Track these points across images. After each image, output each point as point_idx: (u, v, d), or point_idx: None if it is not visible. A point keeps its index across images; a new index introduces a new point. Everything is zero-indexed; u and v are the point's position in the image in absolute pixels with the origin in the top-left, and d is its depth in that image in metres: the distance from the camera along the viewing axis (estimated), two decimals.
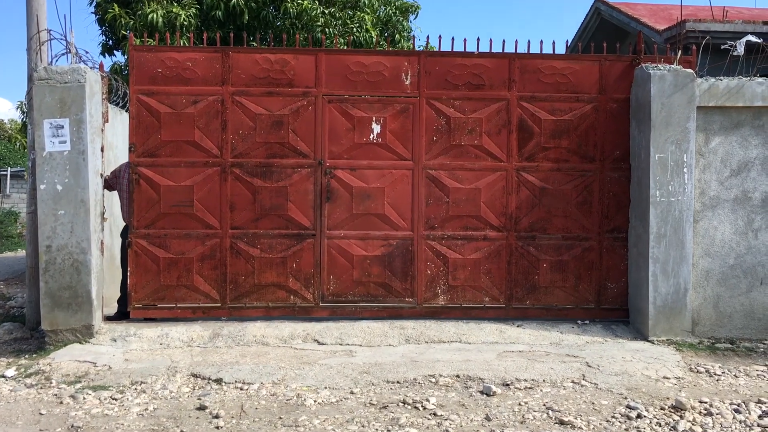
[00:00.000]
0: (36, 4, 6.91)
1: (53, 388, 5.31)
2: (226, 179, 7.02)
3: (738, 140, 6.71)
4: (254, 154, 7.05)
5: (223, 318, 7.04)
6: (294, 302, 7.11)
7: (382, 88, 7.11)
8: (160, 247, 7.00)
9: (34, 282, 6.80)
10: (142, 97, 6.97)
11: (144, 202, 6.98)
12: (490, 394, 5.09)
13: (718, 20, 9.49)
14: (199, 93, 7.00)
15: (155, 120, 6.97)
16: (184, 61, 6.99)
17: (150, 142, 6.98)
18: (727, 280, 6.71)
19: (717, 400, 5.01)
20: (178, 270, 7.01)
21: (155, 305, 7.03)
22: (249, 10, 10.99)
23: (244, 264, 7.05)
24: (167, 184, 6.98)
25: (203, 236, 7.03)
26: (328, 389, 5.21)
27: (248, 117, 7.03)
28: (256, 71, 7.03)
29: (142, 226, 6.99)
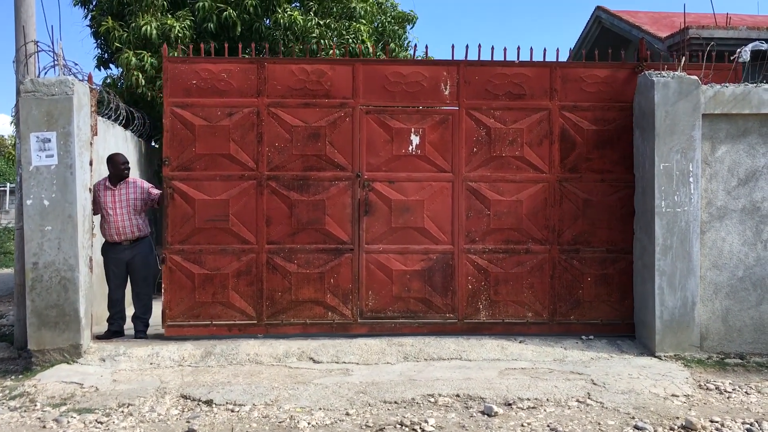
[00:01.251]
0: (24, 15, 6.76)
1: (37, 411, 5.12)
2: (262, 193, 6.87)
3: (745, 148, 6.52)
4: (291, 166, 6.90)
5: (259, 335, 6.85)
6: (332, 319, 6.94)
7: (420, 99, 6.97)
8: (195, 263, 6.85)
9: (21, 300, 6.60)
10: (176, 110, 6.83)
11: (178, 217, 6.83)
12: (492, 414, 4.88)
13: (722, 27, 9.33)
14: (235, 105, 6.86)
15: (190, 133, 6.83)
16: (219, 72, 6.86)
17: (184, 156, 6.84)
18: (736, 292, 6.50)
19: (729, 419, 4.80)
20: (213, 286, 6.85)
21: (190, 323, 6.87)
22: (242, 22, 10.87)
23: (281, 280, 6.88)
24: (202, 198, 6.83)
25: (239, 251, 6.87)
26: (323, 410, 5.01)
27: (284, 129, 6.89)
28: (292, 82, 6.89)
29: (177, 241, 6.84)
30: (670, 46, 9.71)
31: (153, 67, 10.01)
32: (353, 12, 11.34)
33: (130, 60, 9.86)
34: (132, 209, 7.04)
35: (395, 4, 12.99)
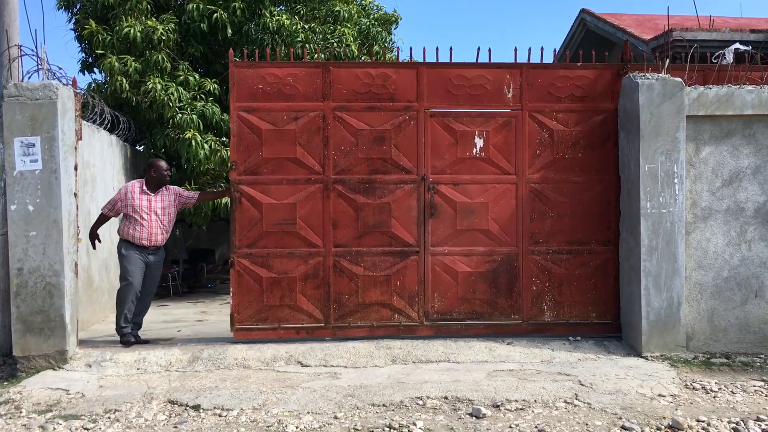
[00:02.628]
0: (7, 19, 6.73)
1: (22, 418, 5.06)
2: (329, 196, 6.87)
3: (729, 150, 6.57)
4: (356, 170, 6.90)
5: (327, 338, 6.84)
6: (398, 321, 6.94)
7: (484, 102, 6.97)
8: (263, 266, 6.84)
9: (6, 306, 6.52)
10: (243, 114, 6.82)
11: (246, 221, 6.82)
12: (480, 416, 4.89)
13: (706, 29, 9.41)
14: (301, 109, 6.86)
15: (256, 137, 6.82)
16: (285, 76, 6.85)
17: (251, 160, 6.83)
18: (721, 292, 6.55)
19: (715, 419, 4.83)
20: (281, 290, 6.84)
21: (258, 326, 6.86)
22: (231, 24, 10.85)
23: (348, 283, 6.89)
24: (269, 202, 6.82)
25: (306, 255, 6.87)
26: (311, 414, 4.99)
27: (350, 132, 6.89)
28: (357, 86, 6.89)
29: (244, 245, 6.83)
30: (654, 48, 9.77)
31: (137, 72, 9.97)
32: (337, 15, 11.34)
33: (114, 65, 9.81)
34: (167, 218, 7.04)
35: (379, 6, 13.01)
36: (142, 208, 6.90)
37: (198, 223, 10.50)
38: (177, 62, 10.50)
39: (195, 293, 11.99)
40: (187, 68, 10.47)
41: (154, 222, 6.94)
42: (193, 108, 10.02)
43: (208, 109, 10.16)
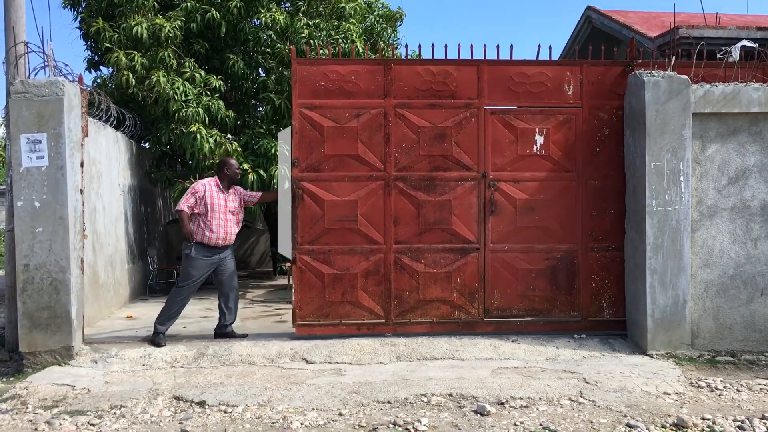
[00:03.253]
0: (14, 16, 6.73)
1: (29, 414, 5.09)
2: (390, 193, 6.90)
3: (735, 147, 6.55)
4: (417, 167, 6.93)
5: (387, 334, 6.86)
6: (458, 318, 6.97)
7: (544, 99, 6.97)
8: (325, 263, 6.89)
9: (12, 302, 6.57)
10: (305, 111, 6.85)
11: (308, 218, 6.86)
12: (485, 413, 4.89)
13: (712, 26, 9.37)
14: (362, 106, 6.88)
15: (318, 134, 6.86)
16: (347, 74, 6.88)
17: (313, 157, 6.87)
18: (726, 290, 6.53)
19: (720, 417, 4.82)
20: (342, 286, 6.89)
21: (320, 322, 6.90)
22: (226, 23, 10.85)
23: (408, 279, 6.92)
24: (331, 198, 6.86)
25: (367, 251, 6.90)
26: (316, 411, 5.00)
27: (411, 130, 6.91)
28: (418, 83, 6.90)
29: (306, 241, 6.87)
30: (660, 45, 9.74)
31: (143, 67, 9.98)
32: (342, 12, 11.32)
33: (120, 60, 9.82)
34: (235, 216, 7.06)
35: (384, 3, 12.98)
36: (220, 208, 6.87)
37: None
38: (183, 59, 10.52)
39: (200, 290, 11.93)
40: (193, 65, 10.48)
41: (230, 221, 6.95)
42: (199, 102, 10.03)
43: (213, 104, 10.17)
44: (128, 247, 10.06)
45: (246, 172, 9.97)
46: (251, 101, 12.24)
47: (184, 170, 11.06)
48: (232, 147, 9.86)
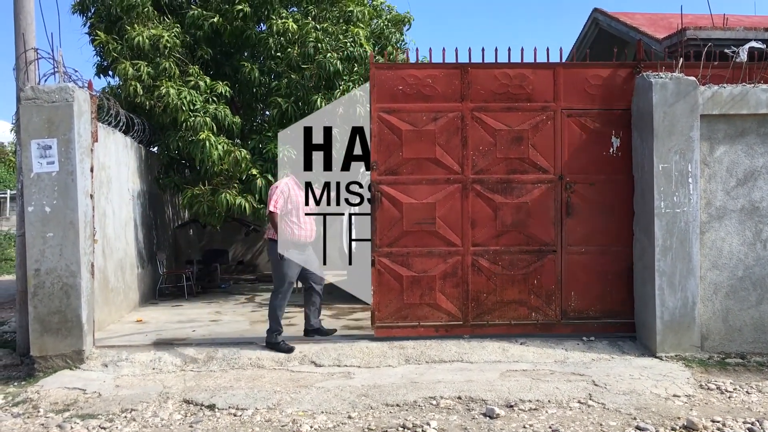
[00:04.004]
0: (24, 22, 6.78)
1: (40, 418, 5.13)
2: (467, 196, 6.94)
3: (743, 149, 6.53)
4: (494, 170, 6.96)
5: (465, 336, 6.89)
6: (536, 319, 7.00)
7: (620, 101, 6.98)
8: (403, 265, 6.94)
9: (23, 307, 6.61)
10: (383, 115, 6.92)
11: (386, 221, 6.92)
12: (494, 416, 4.89)
13: (719, 27, 9.34)
14: (440, 109, 6.94)
15: (396, 138, 6.92)
16: (424, 78, 6.93)
17: (391, 160, 6.93)
18: (736, 292, 6.51)
19: (730, 419, 4.81)
20: (420, 288, 6.93)
21: (398, 324, 6.94)
22: (232, 29, 10.89)
23: (486, 281, 6.95)
24: (409, 201, 6.92)
25: (445, 254, 6.94)
26: (325, 414, 5.02)
27: (488, 133, 6.95)
28: (495, 87, 6.95)
29: (385, 244, 6.92)
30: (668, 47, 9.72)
31: (150, 77, 10.04)
32: (350, 16, 11.35)
33: (127, 70, 9.89)
34: None
35: (391, 7, 13.00)
36: (303, 205, 6.92)
37: (212, 223, 10.55)
38: (187, 66, 10.57)
39: (209, 293, 12.05)
40: (198, 72, 10.53)
41: (312, 218, 7.01)
42: (206, 111, 10.08)
43: (220, 111, 10.22)
44: (138, 252, 10.11)
45: (254, 177, 10.01)
46: (259, 105, 12.28)
47: (192, 176, 11.10)
48: (241, 154, 9.90)
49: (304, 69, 10.55)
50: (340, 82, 10.57)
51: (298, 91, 10.51)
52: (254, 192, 10.05)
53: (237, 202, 9.90)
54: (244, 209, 9.99)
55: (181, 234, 14.06)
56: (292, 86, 10.53)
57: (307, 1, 11.44)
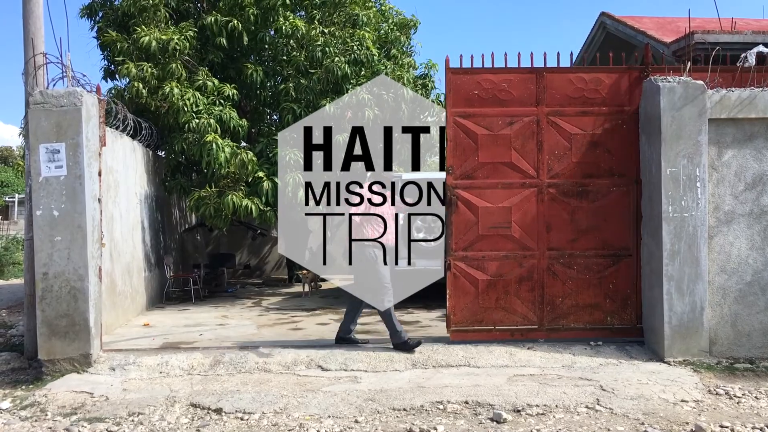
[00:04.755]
0: (32, 27, 6.81)
1: (48, 421, 5.14)
2: (543, 200, 6.95)
3: (752, 153, 6.50)
4: (570, 174, 6.96)
5: (540, 340, 6.89)
6: (611, 323, 6.98)
7: None
8: (478, 269, 6.94)
9: (31, 310, 6.63)
10: (459, 120, 6.94)
11: (462, 225, 6.93)
12: (501, 421, 4.88)
13: (727, 31, 9.32)
14: (515, 114, 6.95)
15: (472, 142, 6.93)
16: (500, 82, 6.95)
17: (467, 165, 6.94)
18: (744, 297, 6.48)
19: (739, 424, 4.78)
20: (496, 292, 6.94)
21: (474, 328, 6.94)
22: (247, 32, 10.95)
23: (561, 285, 6.95)
24: (485, 205, 6.93)
25: (520, 258, 6.95)
26: (332, 418, 5.01)
27: (563, 137, 6.95)
28: (570, 91, 6.95)
29: (461, 248, 6.93)
30: (676, 51, 9.70)
31: (154, 77, 10.08)
32: (356, 19, 11.38)
33: (131, 71, 9.93)
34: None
35: (398, 11, 13.04)
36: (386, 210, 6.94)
37: (218, 225, 10.58)
38: (196, 68, 10.61)
39: (216, 297, 12.06)
40: (207, 74, 10.57)
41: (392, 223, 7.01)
42: (211, 113, 10.11)
43: (226, 114, 10.24)
44: (145, 255, 10.14)
45: (261, 180, 10.02)
46: (266, 110, 12.32)
47: (199, 179, 11.13)
48: (248, 157, 9.93)
49: (311, 73, 10.58)
50: (347, 86, 10.59)
51: (306, 95, 10.54)
52: (261, 195, 10.07)
53: (243, 205, 9.93)
54: (251, 211, 10.00)
55: (188, 238, 14.09)
56: (301, 91, 10.56)
57: (312, 6, 11.48)
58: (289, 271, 14.68)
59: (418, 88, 11.84)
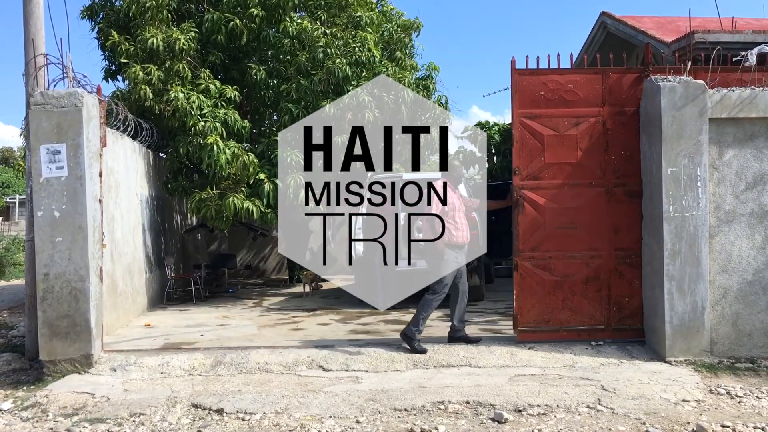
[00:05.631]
0: (33, 28, 6.82)
1: (49, 422, 5.14)
2: (609, 200, 6.94)
3: (752, 152, 6.50)
4: (637, 174, 6.93)
5: (607, 340, 6.87)
6: None
7: None
8: (545, 269, 6.94)
9: (32, 311, 6.64)
10: (525, 121, 6.94)
11: (528, 225, 6.93)
12: (502, 421, 4.88)
13: (728, 31, 9.32)
14: (581, 115, 6.94)
15: (538, 143, 6.92)
16: (566, 83, 6.94)
17: (533, 165, 6.94)
18: (745, 297, 6.47)
19: (740, 424, 4.78)
20: (563, 292, 6.94)
21: (541, 328, 6.94)
22: (248, 31, 10.95)
23: (627, 285, 6.93)
24: (552, 206, 6.92)
25: (587, 258, 6.95)
26: (333, 418, 5.01)
27: (629, 138, 6.93)
28: (637, 91, 6.92)
29: (528, 248, 6.93)
30: (676, 50, 9.69)
31: (160, 81, 10.08)
32: (359, 21, 11.38)
33: (138, 74, 9.93)
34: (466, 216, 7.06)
35: (400, 12, 13.04)
36: (458, 207, 6.92)
37: (220, 227, 10.58)
38: (198, 70, 10.62)
39: (217, 298, 12.07)
40: (208, 76, 10.58)
41: (465, 219, 6.99)
42: (215, 116, 10.12)
43: (230, 116, 10.25)
44: (146, 256, 10.14)
45: (262, 181, 10.03)
46: (268, 110, 12.32)
47: (200, 180, 11.14)
48: (249, 158, 9.93)
49: (313, 74, 10.58)
50: (348, 87, 10.60)
51: (307, 96, 10.54)
52: (262, 196, 10.07)
53: (244, 206, 9.93)
54: (252, 213, 10.00)
55: (189, 238, 14.09)
56: (301, 91, 10.56)
57: (317, 6, 11.49)
58: (290, 272, 14.69)
59: (420, 89, 11.84)
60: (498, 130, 16.63)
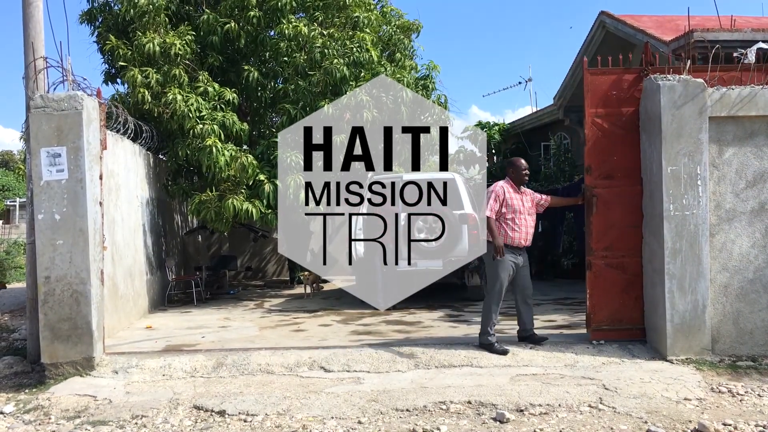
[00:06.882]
0: (32, 32, 6.83)
1: (51, 425, 5.15)
2: None
3: (753, 150, 6.50)
4: None
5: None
6: None
7: None
8: (617, 268, 6.92)
9: (34, 314, 6.65)
10: (596, 120, 6.92)
11: (601, 224, 6.90)
12: (504, 421, 4.88)
13: (727, 29, 9.31)
14: None
15: (610, 142, 6.90)
16: (636, 82, 6.91)
17: (605, 165, 6.92)
18: (746, 295, 6.48)
19: (742, 422, 4.78)
20: (635, 291, 6.90)
21: (613, 327, 6.92)
22: (246, 34, 10.96)
23: None
24: (624, 205, 6.88)
25: None
26: (335, 419, 5.02)
27: None
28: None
29: (600, 248, 6.92)
30: (675, 49, 9.69)
31: (158, 83, 10.10)
32: (356, 21, 11.39)
33: (136, 78, 9.95)
34: (531, 217, 7.03)
35: (401, 13, 13.05)
36: (519, 208, 6.88)
37: (220, 229, 10.59)
38: (196, 73, 10.63)
39: (218, 299, 12.08)
40: (207, 79, 10.59)
41: (529, 221, 6.97)
42: (214, 118, 10.13)
43: (228, 119, 10.27)
44: (147, 259, 10.15)
45: (262, 182, 10.04)
46: (267, 111, 12.33)
47: (200, 182, 11.15)
48: (248, 160, 9.94)
49: (310, 75, 10.59)
50: (346, 88, 10.60)
51: (305, 97, 10.55)
52: (261, 197, 10.08)
53: (244, 208, 9.94)
54: (251, 215, 10.01)
55: (190, 240, 14.10)
56: (299, 92, 10.57)
57: (314, 8, 11.50)
58: (291, 273, 14.70)
59: (419, 89, 11.84)
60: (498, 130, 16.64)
